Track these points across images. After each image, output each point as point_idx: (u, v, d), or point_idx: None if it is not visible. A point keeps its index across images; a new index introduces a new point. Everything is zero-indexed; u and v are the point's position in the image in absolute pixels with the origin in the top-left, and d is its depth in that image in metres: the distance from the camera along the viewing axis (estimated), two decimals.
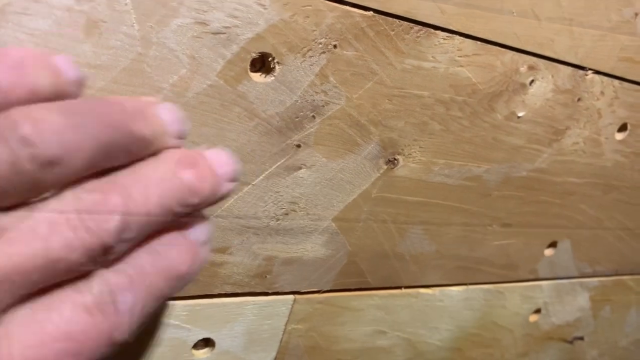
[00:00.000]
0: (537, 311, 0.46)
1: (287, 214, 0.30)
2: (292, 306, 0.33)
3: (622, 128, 0.40)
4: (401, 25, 0.28)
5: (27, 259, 0.15)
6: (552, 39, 0.33)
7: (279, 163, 0.28)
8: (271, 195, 0.29)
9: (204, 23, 0.23)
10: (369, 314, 0.36)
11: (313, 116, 0.28)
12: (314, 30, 0.26)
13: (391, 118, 0.30)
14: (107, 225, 0.16)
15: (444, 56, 0.30)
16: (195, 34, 0.23)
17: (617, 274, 0.50)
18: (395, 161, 0.32)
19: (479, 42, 0.30)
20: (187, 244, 0.20)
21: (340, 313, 0.35)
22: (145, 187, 0.18)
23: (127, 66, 0.23)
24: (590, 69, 0.36)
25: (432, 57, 0.29)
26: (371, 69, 0.28)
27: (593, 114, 0.38)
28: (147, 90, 0.23)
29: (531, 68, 0.33)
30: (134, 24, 0.22)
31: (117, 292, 0.17)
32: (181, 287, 0.20)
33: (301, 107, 0.27)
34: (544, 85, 0.34)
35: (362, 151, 0.30)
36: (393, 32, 0.28)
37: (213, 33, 0.24)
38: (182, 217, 0.19)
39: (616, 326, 0.55)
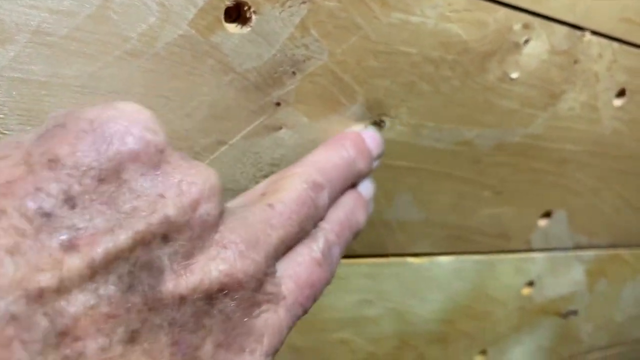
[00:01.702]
0: (530, 284, 0.45)
1: (266, 177, 0.28)
2: None
3: (621, 94, 0.39)
4: None
5: (291, 233, 0.22)
6: None
7: (257, 122, 0.27)
8: (250, 157, 0.27)
9: None
10: (355, 283, 0.35)
11: (293, 72, 0.26)
12: None
13: (377, 76, 0.29)
14: (324, 207, 0.24)
15: (433, 11, 0.28)
16: None
17: (613, 247, 0.49)
18: (382, 123, 0.30)
19: None
20: (363, 202, 0.27)
21: None
22: (338, 175, 0.25)
23: (92, 13, 0.21)
24: (587, 30, 0.34)
25: (421, 11, 0.28)
26: (355, 23, 0.27)
27: (590, 78, 0.36)
28: (113, 39, 0.22)
29: (526, 26, 0.31)
30: None
31: (331, 246, 0.24)
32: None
33: (280, 61, 0.26)
34: (539, 45, 0.33)
35: (346, 111, 0.29)
36: None
37: None
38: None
39: (611, 301, 0.54)
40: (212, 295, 0.18)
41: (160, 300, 0.17)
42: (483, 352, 0.46)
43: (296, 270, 0.22)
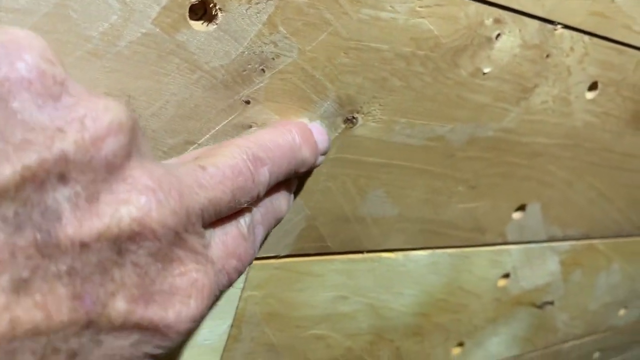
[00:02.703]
0: (506, 276, 0.45)
1: None
2: (248, 272, 0.31)
3: (593, 87, 0.39)
4: None
5: (222, 200, 0.21)
6: None
7: (226, 121, 0.26)
8: None
9: None
10: (330, 279, 0.35)
11: (262, 70, 0.26)
12: None
13: (348, 73, 0.28)
14: (264, 183, 0.23)
15: (403, 6, 0.28)
16: None
17: (587, 238, 0.49)
18: (354, 120, 0.30)
19: None
20: (287, 195, 0.27)
21: (299, 279, 0.33)
22: (281, 155, 0.24)
23: (49, 11, 0.21)
24: (559, 23, 0.34)
25: (391, 7, 0.28)
26: (325, 19, 0.26)
27: (562, 72, 0.36)
28: (73, 38, 0.21)
29: (497, 21, 0.31)
30: None
31: (256, 225, 0.24)
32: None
33: (248, 59, 0.25)
34: (510, 40, 0.32)
35: (318, 109, 0.29)
36: None
37: None
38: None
39: (586, 290, 0.54)
40: (122, 245, 0.16)
41: (57, 246, 0.15)
42: (460, 344, 0.46)
43: (223, 239, 0.21)
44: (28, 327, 0.15)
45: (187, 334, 0.19)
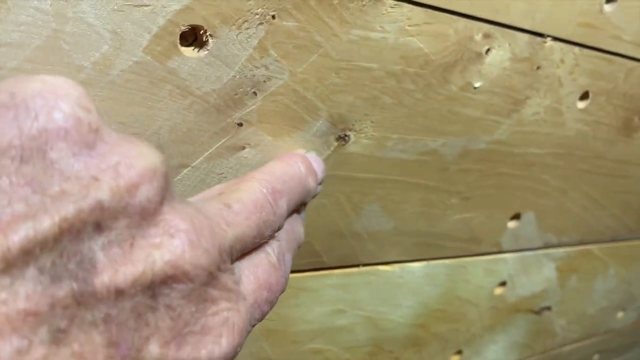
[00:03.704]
0: (503, 284, 0.45)
1: None
2: None
3: (584, 96, 0.39)
4: None
5: (248, 235, 0.21)
6: (507, 4, 0.31)
7: (219, 143, 0.27)
8: (214, 177, 0.27)
9: None
10: (327, 294, 0.35)
11: (254, 92, 0.26)
12: (249, 0, 0.24)
13: (339, 93, 0.29)
14: (283, 215, 0.24)
15: (393, 26, 0.28)
16: (116, 7, 0.22)
17: (582, 244, 0.49)
18: (347, 137, 0.30)
19: (429, 10, 0.29)
20: (301, 220, 0.28)
21: (295, 294, 0.34)
22: (294, 187, 0.25)
23: (41, 44, 0.21)
24: (548, 36, 0.34)
25: (380, 27, 0.28)
26: (315, 41, 0.27)
27: (553, 83, 0.36)
28: (65, 69, 0.22)
29: (486, 36, 0.32)
30: None
31: (284, 253, 0.24)
32: None
33: (240, 83, 0.26)
34: (500, 54, 0.33)
35: (311, 128, 0.29)
36: (336, 1, 0.26)
37: (136, 5, 0.22)
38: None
39: (583, 295, 0.55)
40: (156, 289, 0.16)
41: (93, 294, 0.15)
42: (459, 352, 0.47)
43: (254, 272, 0.22)
44: None
45: None
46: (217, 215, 0.20)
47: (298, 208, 0.27)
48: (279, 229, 0.23)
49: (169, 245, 0.17)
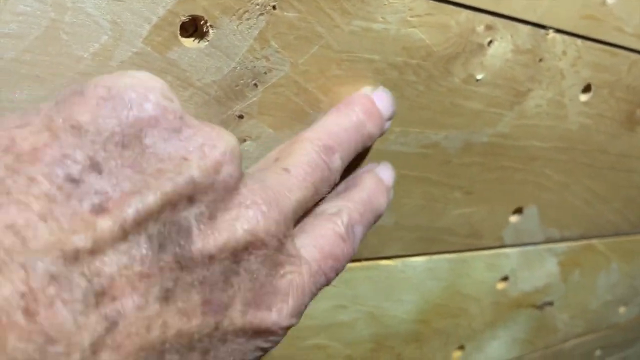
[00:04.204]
0: (505, 279, 0.45)
1: None
2: None
3: (587, 89, 0.39)
4: None
5: (307, 196, 0.22)
6: None
7: None
8: None
9: None
10: (328, 290, 0.34)
11: (255, 84, 0.26)
12: None
13: (341, 84, 0.28)
14: (338, 169, 0.24)
15: (395, 16, 0.28)
16: None
17: (585, 238, 0.49)
18: None
19: (431, 1, 0.29)
20: (384, 187, 0.28)
21: None
22: (348, 138, 0.25)
23: (40, 34, 0.21)
24: (551, 28, 0.34)
25: (382, 17, 0.28)
26: (316, 32, 0.26)
27: (556, 75, 0.36)
28: (65, 60, 0.21)
29: (489, 28, 0.31)
30: None
31: (354, 224, 0.25)
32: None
33: (241, 74, 0.25)
34: (503, 46, 0.33)
35: (312, 120, 0.29)
36: None
37: None
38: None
39: (586, 289, 0.54)
40: (238, 254, 0.19)
41: (191, 259, 0.17)
42: (460, 347, 0.46)
43: (320, 242, 0.23)
44: (174, 331, 0.17)
45: (289, 328, 0.21)
46: (278, 184, 0.22)
47: (388, 176, 0.29)
48: (335, 183, 0.25)
49: (246, 215, 0.19)
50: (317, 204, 0.25)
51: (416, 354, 0.43)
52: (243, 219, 0.19)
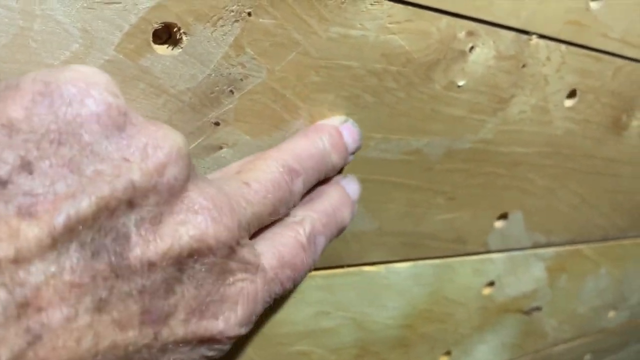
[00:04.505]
0: (491, 284, 0.45)
1: None
2: None
3: (572, 94, 0.39)
4: None
5: (265, 212, 0.22)
6: (492, 1, 0.31)
7: (196, 143, 0.26)
8: None
9: None
10: (311, 296, 0.35)
11: (231, 91, 0.26)
12: None
13: (320, 91, 0.28)
14: (299, 193, 0.24)
15: (373, 23, 0.28)
16: (85, 5, 0.21)
17: (572, 243, 0.49)
18: None
19: (410, 7, 0.28)
20: (349, 201, 0.27)
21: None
22: (313, 165, 0.25)
23: (8, 42, 0.21)
24: (534, 34, 0.34)
25: (360, 24, 0.27)
26: (293, 39, 0.26)
27: (539, 81, 0.36)
28: (34, 68, 0.21)
29: (470, 34, 0.31)
30: None
31: (317, 235, 0.24)
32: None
33: (216, 81, 0.25)
34: (485, 52, 0.32)
35: (291, 127, 0.28)
36: None
37: (106, 3, 0.22)
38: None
39: (574, 294, 0.54)
40: (183, 261, 0.18)
41: (129, 267, 0.16)
42: (447, 352, 0.46)
43: (279, 250, 0.23)
44: (108, 342, 0.16)
45: (237, 337, 0.21)
46: (237, 194, 0.21)
47: (353, 190, 0.29)
48: (294, 206, 0.24)
49: (193, 221, 0.18)
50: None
51: (402, 359, 0.43)
52: (189, 225, 0.18)
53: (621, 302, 0.62)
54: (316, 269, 0.34)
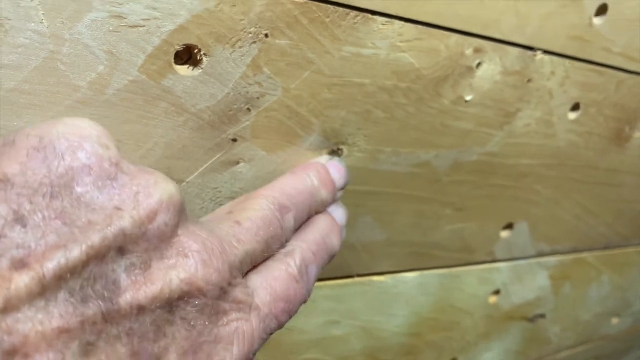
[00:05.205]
0: (496, 292, 0.46)
1: None
2: None
3: (575, 107, 0.40)
4: (336, 12, 0.27)
5: (257, 250, 0.22)
6: (497, 19, 0.32)
7: (214, 159, 0.27)
8: (208, 192, 0.28)
9: (121, 16, 0.22)
10: (321, 305, 0.35)
11: (248, 109, 0.27)
12: (242, 20, 0.25)
13: (332, 108, 0.29)
14: (290, 229, 0.25)
15: (384, 42, 0.29)
16: (111, 28, 0.22)
17: (575, 251, 0.50)
18: (340, 151, 0.31)
19: (420, 26, 0.29)
20: (337, 227, 0.28)
21: None
22: (302, 201, 0.26)
23: (38, 65, 0.21)
24: (539, 49, 0.35)
25: (372, 43, 0.28)
26: (307, 58, 0.27)
27: (544, 95, 0.37)
28: (63, 89, 0.22)
29: (477, 50, 0.32)
30: (43, 20, 0.21)
31: (308, 264, 0.24)
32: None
33: (234, 99, 0.26)
34: (491, 68, 0.33)
35: (304, 142, 0.29)
36: (328, 19, 0.27)
37: (131, 26, 0.22)
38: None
39: (577, 302, 0.55)
40: (173, 303, 0.18)
41: (118, 311, 0.17)
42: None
43: (271, 284, 0.23)
44: None
45: None
46: (228, 234, 0.21)
47: (340, 216, 0.29)
48: (286, 241, 0.25)
49: (183, 264, 0.19)
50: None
51: None
52: (180, 268, 0.18)
53: (624, 309, 0.63)
54: (326, 279, 0.35)
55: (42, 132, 0.17)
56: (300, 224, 0.26)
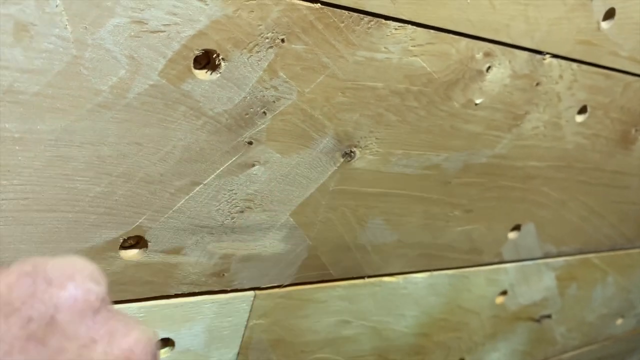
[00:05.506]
0: (504, 293, 0.46)
1: (242, 212, 0.29)
2: (253, 302, 0.32)
3: (582, 110, 0.40)
4: (351, 17, 0.27)
5: None
6: (507, 24, 0.32)
7: (230, 161, 0.27)
8: (224, 194, 0.28)
9: (142, 22, 0.23)
10: (333, 305, 0.36)
11: (264, 112, 0.27)
12: (260, 25, 0.25)
13: (345, 111, 0.29)
14: None
15: (397, 46, 0.29)
16: (133, 34, 0.23)
17: (581, 253, 0.50)
18: (352, 154, 0.31)
19: (432, 31, 0.30)
20: None
21: (303, 306, 0.35)
22: None
23: (62, 69, 0.22)
24: (547, 53, 0.35)
25: (385, 47, 0.29)
26: (322, 63, 0.28)
27: (552, 98, 0.37)
28: (85, 93, 0.23)
29: (487, 54, 0.33)
30: (67, 26, 0.21)
31: None
32: None
33: (251, 103, 0.27)
34: (501, 71, 0.34)
35: (318, 145, 0.30)
36: (343, 24, 0.27)
37: (152, 32, 0.23)
38: None
39: (583, 302, 0.55)
40: None
41: None
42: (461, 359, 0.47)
43: None
44: None
45: None
46: None
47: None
48: None
49: None
50: None
51: None
52: None
53: (629, 310, 0.63)
54: (338, 279, 0.36)
55: (37, 262, 0.18)
56: None
